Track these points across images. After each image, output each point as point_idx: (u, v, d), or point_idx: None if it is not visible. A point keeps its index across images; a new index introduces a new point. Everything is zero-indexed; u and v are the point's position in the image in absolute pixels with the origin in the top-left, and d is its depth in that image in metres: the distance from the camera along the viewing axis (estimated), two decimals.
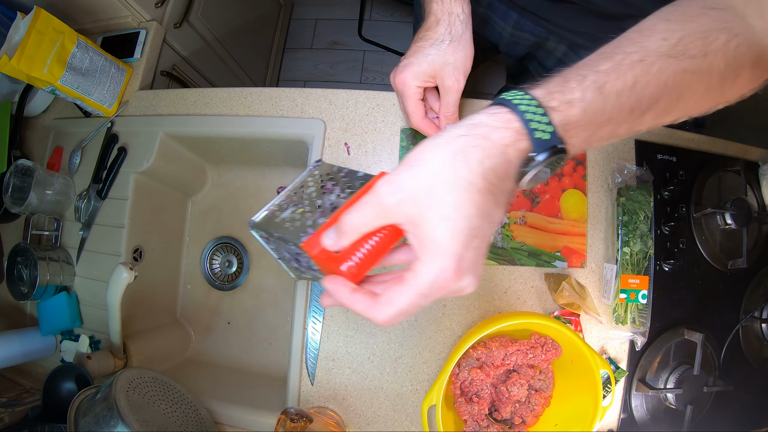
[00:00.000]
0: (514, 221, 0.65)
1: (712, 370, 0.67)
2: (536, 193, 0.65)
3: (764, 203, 0.71)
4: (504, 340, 0.59)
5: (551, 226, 0.65)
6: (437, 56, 0.51)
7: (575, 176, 0.67)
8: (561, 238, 0.65)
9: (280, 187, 0.92)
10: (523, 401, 0.61)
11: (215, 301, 0.93)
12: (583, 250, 0.65)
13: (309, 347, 0.68)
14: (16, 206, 0.75)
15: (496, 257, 0.64)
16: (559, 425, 0.60)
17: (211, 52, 1.33)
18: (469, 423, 0.60)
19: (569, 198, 0.66)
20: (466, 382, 0.59)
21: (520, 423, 0.61)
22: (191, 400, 0.66)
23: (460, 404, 0.60)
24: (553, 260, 0.65)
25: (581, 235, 0.65)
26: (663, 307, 0.66)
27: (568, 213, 0.65)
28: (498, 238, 0.64)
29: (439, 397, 0.54)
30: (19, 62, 0.68)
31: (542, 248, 0.64)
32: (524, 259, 0.64)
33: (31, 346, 0.76)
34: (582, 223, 0.66)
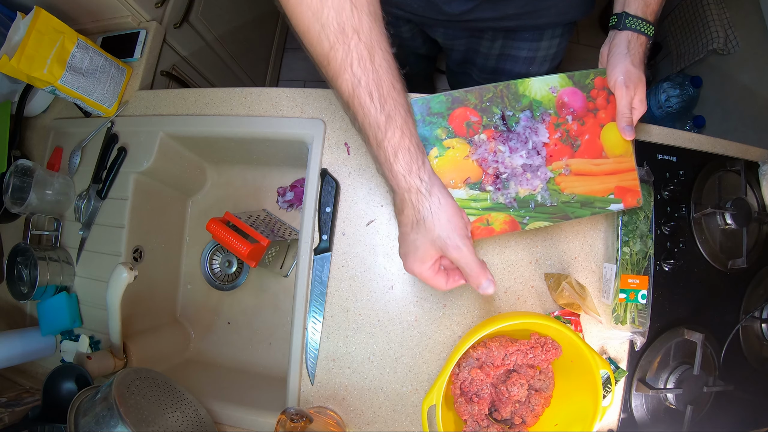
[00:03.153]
0: (558, 173, 0.58)
1: (712, 370, 0.67)
2: (574, 137, 0.59)
3: (764, 203, 0.71)
4: (504, 340, 0.59)
5: (598, 168, 0.59)
6: (422, 240, 0.46)
7: (610, 108, 0.60)
8: (610, 179, 0.59)
9: (280, 187, 0.92)
10: (523, 401, 0.61)
11: (215, 301, 0.93)
12: (636, 186, 0.59)
13: (309, 347, 0.68)
14: (16, 206, 0.75)
15: (547, 216, 0.57)
16: (559, 425, 0.60)
17: (211, 52, 1.32)
18: (469, 423, 0.60)
19: (610, 133, 0.60)
20: (466, 382, 0.60)
21: (520, 423, 0.61)
22: (191, 400, 0.66)
23: (460, 404, 0.60)
24: (608, 204, 0.59)
25: (631, 170, 0.59)
26: (663, 307, 0.66)
27: (612, 149, 0.59)
28: (545, 196, 0.57)
29: (439, 397, 0.54)
30: (19, 62, 0.68)
31: (593, 194, 0.59)
32: (577, 211, 0.58)
33: (31, 346, 0.76)
34: (628, 157, 0.59)
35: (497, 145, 0.56)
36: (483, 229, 0.55)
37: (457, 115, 0.56)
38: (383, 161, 0.46)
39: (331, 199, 0.70)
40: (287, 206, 0.92)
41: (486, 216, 0.55)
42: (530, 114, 0.57)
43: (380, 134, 0.45)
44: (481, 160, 0.56)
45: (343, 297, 0.69)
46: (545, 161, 0.57)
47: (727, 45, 1.23)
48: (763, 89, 1.13)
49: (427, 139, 0.55)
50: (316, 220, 0.70)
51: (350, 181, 0.71)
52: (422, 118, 0.55)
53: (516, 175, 0.56)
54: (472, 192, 0.55)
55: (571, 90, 0.58)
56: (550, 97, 0.58)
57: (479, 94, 0.56)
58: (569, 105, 0.58)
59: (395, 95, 0.44)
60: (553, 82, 0.58)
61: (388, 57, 0.44)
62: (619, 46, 0.58)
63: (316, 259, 0.69)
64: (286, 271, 0.91)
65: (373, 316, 0.68)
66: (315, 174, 0.72)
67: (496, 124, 0.56)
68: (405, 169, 0.45)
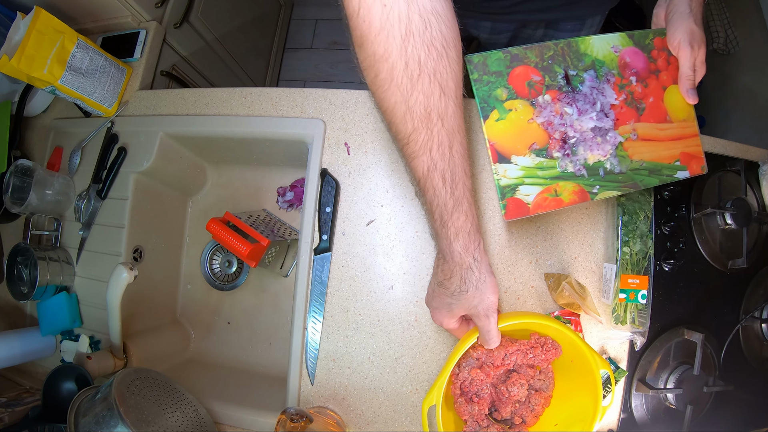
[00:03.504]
0: (626, 137, 0.55)
1: (712, 370, 0.67)
2: (639, 99, 0.55)
3: (764, 203, 0.71)
4: (504, 340, 0.59)
5: (663, 133, 0.56)
6: (459, 306, 0.52)
7: (671, 70, 0.57)
8: (675, 145, 0.57)
9: (280, 187, 0.92)
10: (523, 401, 0.61)
11: (215, 301, 0.93)
12: (700, 152, 0.57)
13: (309, 347, 0.68)
14: (16, 206, 0.75)
15: (617, 185, 0.54)
16: (559, 425, 0.60)
17: (211, 52, 1.33)
18: (469, 423, 0.60)
19: (673, 96, 0.57)
20: (466, 382, 0.59)
21: (520, 423, 0.61)
22: (191, 400, 0.66)
23: (460, 404, 0.60)
24: (675, 171, 0.56)
25: (694, 135, 0.57)
26: (663, 307, 0.66)
27: (676, 114, 0.56)
28: (614, 163, 0.54)
29: (439, 397, 0.54)
30: (19, 62, 0.68)
31: (661, 161, 0.56)
32: (646, 179, 0.55)
33: (31, 346, 0.76)
34: (691, 122, 0.57)
35: (563, 107, 0.53)
36: (551, 201, 0.52)
37: (517, 74, 0.52)
38: (443, 237, 0.49)
39: (331, 199, 0.70)
40: (287, 206, 0.92)
41: (554, 186, 0.52)
42: (594, 74, 0.54)
43: (446, 215, 0.47)
44: (546, 123, 0.52)
45: (343, 297, 0.69)
46: (614, 124, 0.54)
47: (727, 45, 1.23)
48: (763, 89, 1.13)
49: (486, 100, 0.52)
50: (316, 220, 0.70)
51: (350, 181, 0.71)
52: (479, 78, 0.52)
53: (585, 139, 0.53)
54: (538, 159, 0.52)
55: (632, 50, 0.56)
56: (612, 57, 0.55)
57: (540, 52, 0.53)
58: (631, 65, 0.55)
59: (465, 180, 0.47)
60: (614, 40, 0.55)
61: (464, 143, 0.46)
62: (680, 5, 0.56)
63: (316, 259, 0.69)
64: (286, 271, 0.91)
65: (373, 316, 0.68)
66: (315, 174, 0.72)
67: (560, 85, 0.53)
68: (463, 248, 0.48)
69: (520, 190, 0.52)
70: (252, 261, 0.76)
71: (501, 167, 0.52)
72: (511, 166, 0.52)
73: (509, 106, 0.52)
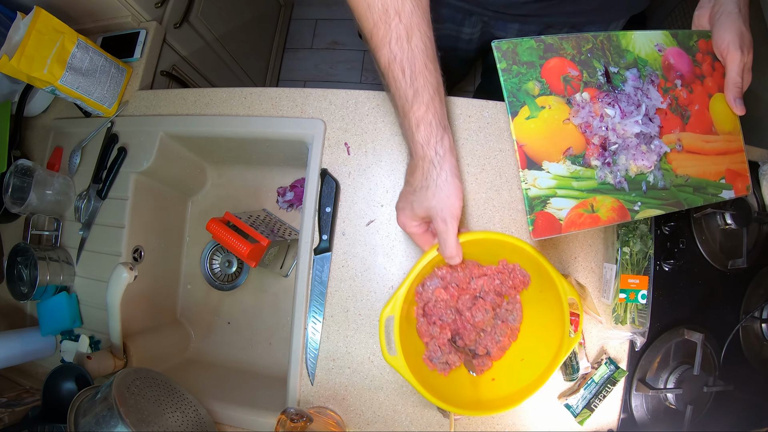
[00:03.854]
0: (671, 147, 0.48)
1: (712, 370, 0.67)
2: (684, 106, 0.49)
3: (764, 203, 0.71)
4: (471, 263, 0.56)
5: (708, 146, 0.50)
6: (419, 204, 0.50)
7: (716, 76, 0.51)
8: (721, 160, 0.50)
9: (280, 187, 0.92)
10: (488, 331, 0.57)
11: (215, 301, 0.93)
12: (745, 170, 0.51)
13: (309, 347, 0.68)
14: (16, 206, 0.75)
15: (660, 203, 0.47)
16: (525, 359, 0.57)
17: (211, 52, 1.33)
18: (429, 347, 0.56)
19: (718, 105, 0.51)
20: (429, 304, 0.56)
21: (484, 354, 0.59)
22: (191, 400, 0.66)
23: (421, 324, 0.56)
24: (720, 191, 0.50)
25: (739, 151, 0.51)
26: (663, 307, 0.66)
27: (722, 125, 0.51)
28: (658, 176, 0.47)
29: (397, 308, 0.51)
30: (19, 62, 0.68)
31: (706, 177, 0.49)
32: (690, 197, 0.49)
33: (31, 346, 0.76)
34: (737, 135, 0.51)
35: (603, 108, 0.46)
36: (587, 218, 0.46)
37: (551, 67, 0.46)
38: (407, 129, 0.50)
39: (331, 199, 0.70)
40: (287, 206, 0.92)
41: (590, 200, 0.46)
42: (637, 73, 0.48)
43: (407, 106, 0.48)
44: (584, 125, 0.46)
45: (343, 297, 0.69)
46: (659, 131, 0.48)
47: None
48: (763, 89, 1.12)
49: (516, 94, 0.45)
50: (316, 220, 0.70)
51: (350, 181, 0.71)
52: (508, 67, 0.45)
53: (628, 147, 0.46)
54: (574, 167, 0.45)
55: (676, 51, 0.50)
56: (656, 56, 0.49)
57: (577, 43, 0.46)
58: (676, 67, 0.49)
59: (426, 74, 0.47)
60: (657, 38, 0.49)
61: (425, 39, 0.47)
62: (728, 5, 0.51)
63: (316, 259, 0.69)
64: (286, 271, 0.91)
65: (373, 316, 0.68)
66: (315, 174, 0.72)
67: (600, 82, 0.47)
68: (424, 139, 0.48)
69: (552, 203, 0.45)
70: (252, 261, 0.76)
71: (531, 174, 0.45)
72: (542, 174, 0.45)
73: (542, 102, 0.45)
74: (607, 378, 0.62)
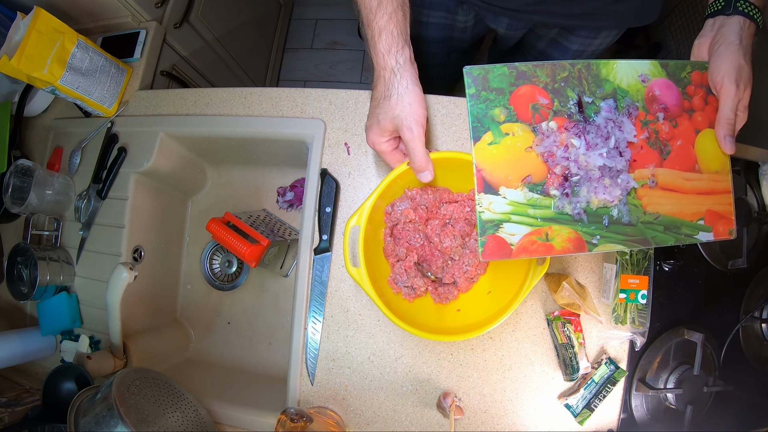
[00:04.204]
0: (642, 183, 0.47)
1: (712, 370, 0.67)
2: (664, 141, 0.47)
3: (764, 203, 0.71)
4: (442, 189, 0.56)
5: (689, 184, 0.48)
6: (384, 115, 0.52)
7: (708, 111, 0.48)
8: (702, 200, 0.48)
9: (280, 187, 0.92)
10: (456, 260, 0.57)
11: (215, 301, 0.93)
12: (730, 213, 0.48)
13: (309, 347, 0.68)
14: (16, 206, 0.75)
15: (622, 238, 0.46)
16: (493, 292, 0.57)
17: (211, 52, 1.33)
18: (395, 269, 0.55)
19: (706, 142, 0.48)
20: (398, 226, 0.56)
21: (451, 283, 0.58)
22: (191, 400, 0.66)
23: (388, 244, 0.56)
24: (696, 232, 0.48)
25: (726, 192, 0.48)
26: (663, 307, 0.66)
27: (708, 163, 0.48)
28: (623, 211, 0.46)
29: (363, 219, 0.52)
30: (19, 62, 0.68)
31: (681, 217, 0.47)
32: (659, 236, 0.47)
33: (31, 346, 0.76)
34: (725, 175, 0.48)
35: (570, 138, 0.46)
36: (540, 245, 0.46)
37: (521, 94, 0.46)
38: (370, 39, 0.52)
39: (331, 199, 0.70)
40: (287, 206, 0.92)
41: (545, 229, 0.46)
42: (614, 104, 0.47)
43: (371, 16, 0.51)
44: (547, 154, 0.46)
45: (343, 297, 0.69)
46: (628, 166, 0.46)
47: None
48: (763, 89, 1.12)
49: (480, 120, 0.45)
50: (316, 220, 0.70)
51: (350, 181, 0.71)
52: (476, 93, 0.45)
53: (591, 179, 0.46)
54: (531, 195, 0.46)
55: (664, 82, 0.48)
56: (638, 87, 0.47)
57: (552, 71, 0.46)
58: (661, 100, 0.47)
59: None
60: (643, 68, 0.47)
61: None
62: (729, 35, 0.48)
63: (316, 259, 0.69)
64: (286, 271, 0.91)
65: (373, 316, 0.68)
66: (315, 174, 0.72)
67: (570, 112, 0.46)
68: (385, 48, 0.51)
69: (505, 228, 0.46)
70: (252, 261, 0.76)
71: (486, 198, 0.45)
72: (498, 199, 0.45)
73: (506, 129, 0.46)
74: (607, 378, 0.62)
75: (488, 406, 0.65)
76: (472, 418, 0.65)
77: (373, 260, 0.54)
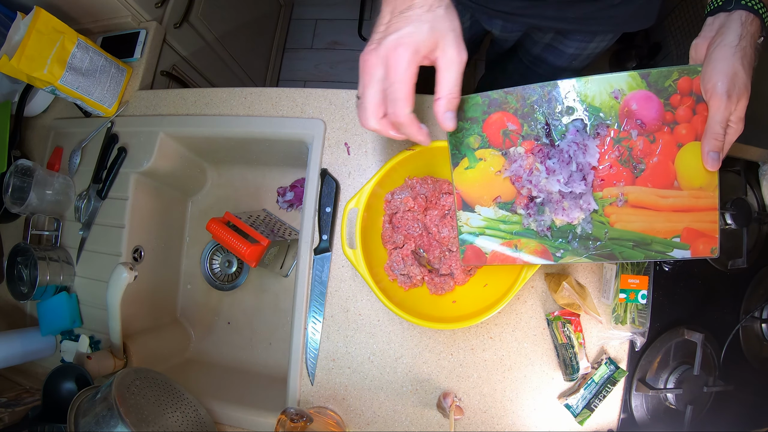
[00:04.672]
0: (609, 202, 0.46)
1: (712, 370, 0.67)
2: (638, 158, 0.46)
3: (764, 203, 0.71)
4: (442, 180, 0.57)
5: (664, 201, 0.46)
6: (438, 23, 0.41)
7: (696, 122, 0.44)
8: (680, 218, 0.46)
9: (280, 187, 0.92)
10: (454, 251, 0.58)
11: (215, 301, 0.93)
12: (714, 230, 0.45)
13: (309, 347, 0.68)
14: (16, 206, 0.75)
15: (588, 253, 0.48)
16: (489, 285, 0.58)
17: (211, 52, 1.33)
18: (392, 256, 0.57)
19: (689, 156, 0.45)
20: (398, 214, 0.57)
21: (447, 274, 0.59)
22: (191, 400, 0.66)
23: (386, 230, 0.57)
24: (669, 249, 0.46)
25: (711, 209, 0.45)
26: (663, 307, 0.66)
27: (690, 179, 0.45)
28: (587, 228, 0.47)
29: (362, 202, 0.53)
30: (19, 62, 0.68)
31: (652, 234, 0.46)
32: (627, 251, 0.47)
33: (31, 346, 0.76)
34: (711, 192, 0.45)
35: (535, 162, 0.48)
36: (509, 257, 0.50)
37: (493, 122, 0.48)
38: None
39: (331, 199, 0.70)
40: (287, 206, 0.92)
41: (515, 241, 0.49)
42: (581, 125, 0.46)
43: None
44: (514, 177, 0.49)
45: (343, 297, 0.69)
46: (592, 188, 0.47)
47: None
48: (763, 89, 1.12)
49: (458, 147, 0.50)
50: (316, 220, 0.70)
51: (350, 181, 0.71)
52: None
53: (552, 201, 0.48)
54: (501, 213, 0.50)
55: (643, 94, 0.45)
56: (612, 104, 0.45)
57: (521, 96, 0.47)
58: (637, 114, 0.45)
59: None
60: (618, 83, 0.45)
61: None
62: (728, 35, 0.43)
63: (316, 259, 0.69)
64: (286, 271, 0.91)
65: (373, 316, 0.68)
66: (315, 174, 0.72)
67: (538, 135, 0.47)
68: None
69: (480, 240, 0.51)
70: (252, 261, 0.76)
71: (464, 215, 0.51)
72: (474, 216, 0.51)
73: (480, 155, 0.49)
74: (607, 378, 0.62)
75: (488, 406, 0.65)
76: (472, 418, 0.65)
77: (371, 246, 0.56)
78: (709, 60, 0.43)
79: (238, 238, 0.75)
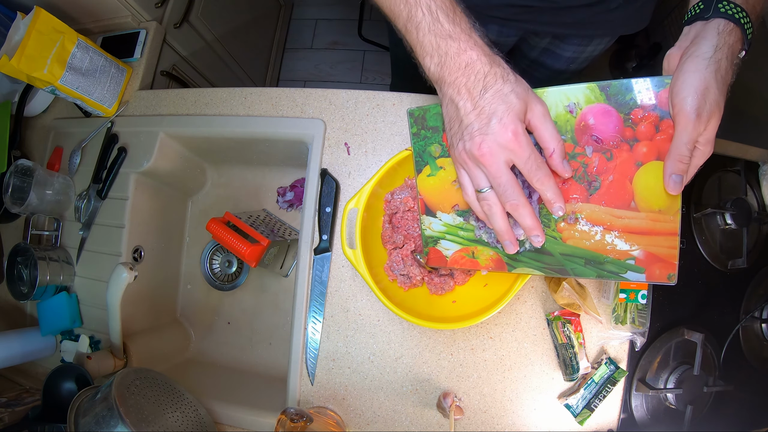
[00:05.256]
0: (562, 218, 0.45)
1: (712, 370, 0.67)
2: (593, 175, 0.43)
3: (764, 203, 0.71)
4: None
5: (619, 222, 0.43)
6: (518, 88, 0.40)
7: (659, 139, 0.41)
8: (637, 240, 0.43)
9: (280, 187, 0.92)
10: None
11: (215, 301, 0.93)
12: (673, 256, 0.43)
13: (309, 347, 0.68)
14: (16, 206, 0.75)
15: (540, 266, 0.47)
16: (489, 285, 0.58)
17: (211, 52, 1.33)
18: (392, 256, 0.57)
19: (649, 177, 0.42)
20: (397, 215, 0.58)
21: (447, 274, 0.59)
22: (191, 400, 0.66)
23: (386, 230, 0.58)
24: (624, 271, 0.44)
25: (671, 234, 0.42)
26: (663, 307, 0.66)
27: (648, 201, 0.42)
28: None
29: (362, 202, 0.54)
30: (19, 62, 0.68)
31: (606, 253, 0.44)
32: (579, 268, 0.45)
33: (31, 346, 0.76)
34: (671, 215, 0.42)
35: None
36: (467, 260, 0.51)
37: None
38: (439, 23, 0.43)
39: (331, 199, 0.70)
40: (287, 206, 0.92)
41: (472, 248, 0.51)
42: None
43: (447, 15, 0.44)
44: None
45: (343, 297, 0.69)
46: (537, 206, 0.46)
47: None
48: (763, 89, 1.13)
49: (421, 155, 0.51)
50: (316, 220, 0.70)
51: (350, 181, 0.71)
52: (417, 132, 0.50)
53: None
54: (459, 220, 0.51)
55: (601, 108, 0.42)
56: (567, 117, 0.43)
57: None
58: (593, 129, 0.43)
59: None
60: (575, 95, 0.43)
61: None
62: (702, 45, 0.39)
63: (316, 259, 0.69)
64: (286, 271, 0.91)
65: (373, 316, 0.68)
66: (315, 174, 0.72)
67: None
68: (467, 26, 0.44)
69: (441, 243, 0.53)
70: (252, 261, 0.76)
71: (427, 219, 0.53)
72: (435, 221, 0.52)
73: (440, 163, 0.50)
74: (607, 378, 0.62)
75: (488, 406, 0.65)
76: (472, 418, 0.65)
77: (371, 247, 0.56)
78: (680, 72, 0.39)
79: (238, 238, 0.75)
